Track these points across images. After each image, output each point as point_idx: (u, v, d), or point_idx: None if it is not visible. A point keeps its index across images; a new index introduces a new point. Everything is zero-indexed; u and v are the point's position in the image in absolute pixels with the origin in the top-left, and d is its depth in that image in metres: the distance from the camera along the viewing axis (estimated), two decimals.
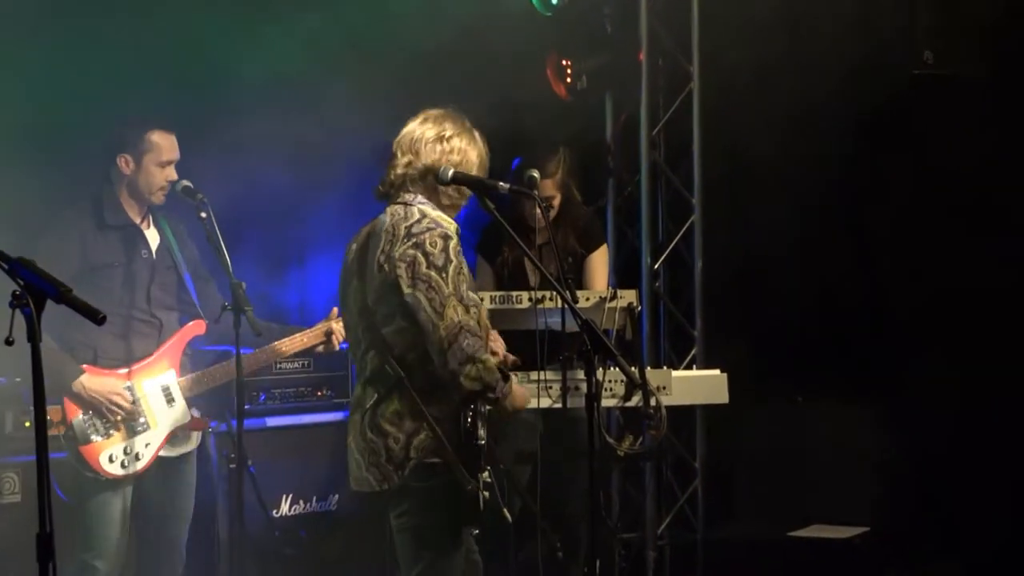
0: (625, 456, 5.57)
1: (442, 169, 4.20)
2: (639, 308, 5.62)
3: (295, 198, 6.49)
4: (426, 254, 4.04)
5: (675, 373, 5.58)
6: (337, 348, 5.26)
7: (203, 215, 4.92)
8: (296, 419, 6.07)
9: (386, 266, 4.09)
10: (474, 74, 6.29)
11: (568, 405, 5.28)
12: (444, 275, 4.03)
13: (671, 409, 5.54)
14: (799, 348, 7.36)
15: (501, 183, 4.23)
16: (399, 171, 4.24)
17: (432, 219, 4.14)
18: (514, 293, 5.47)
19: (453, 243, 4.09)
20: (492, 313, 5.39)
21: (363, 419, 4.17)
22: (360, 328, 4.19)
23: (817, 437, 7.31)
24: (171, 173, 5.06)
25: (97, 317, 3.17)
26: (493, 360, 4.07)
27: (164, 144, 5.04)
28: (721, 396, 5.63)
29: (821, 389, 7.33)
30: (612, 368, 5.36)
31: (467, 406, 4.07)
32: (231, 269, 4.88)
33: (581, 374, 5.19)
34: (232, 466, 5.05)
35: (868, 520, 6.93)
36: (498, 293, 5.50)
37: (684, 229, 7.35)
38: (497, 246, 6.12)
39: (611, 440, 5.23)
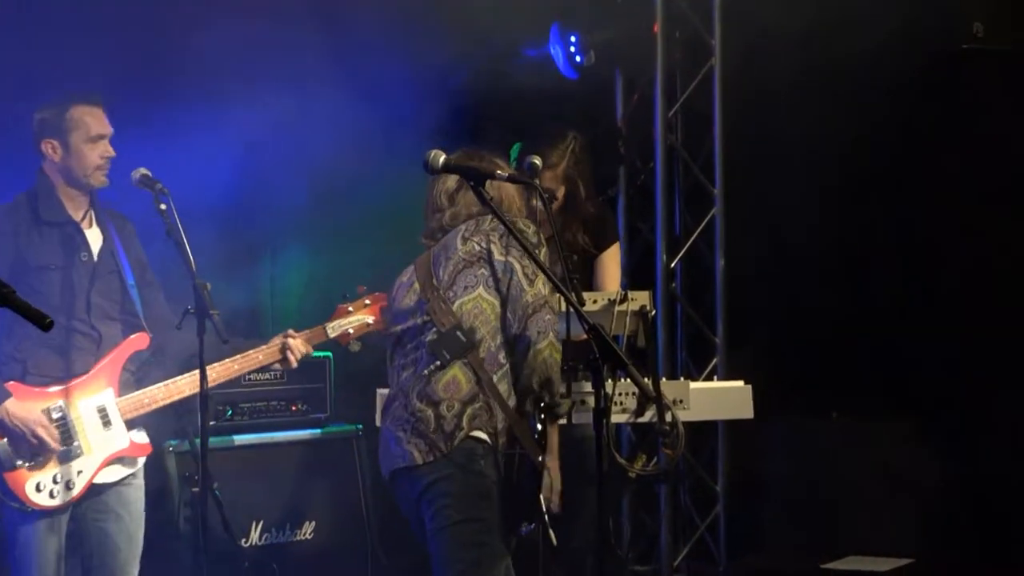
0: (637, 478, 5.59)
1: (431, 156, 4.23)
2: (653, 312, 5.62)
3: (255, 189, 6.51)
4: (519, 231, 4.34)
5: (694, 385, 5.59)
6: (294, 366, 5.26)
7: (162, 207, 4.90)
8: (267, 436, 6.08)
9: (473, 239, 4.43)
10: (469, 49, 6.32)
11: (573, 421, 5.30)
12: (537, 252, 4.33)
13: (689, 425, 5.55)
14: (833, 357, 7.37)
15: (499, 171, 4.26)
16: (446, 220, 4.59)
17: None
18: None
19: (531, 232, 4.42)
20: None
21: (408, 396, 4.37)
22: (419, 317, 4.44)
23: (853, 457, 7.33)
24: (106, 149, 5.03)
25: (44, 322, 3.16)
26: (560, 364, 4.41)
27: (89, 118, 5.01)
28: (745, 411, 5.65)
29: (858, 404, 7.34)
30: (623, 379, 5.39)
31: (524, 398, 4.33)
32: (195, 268, 4.88)
33: (588, 386, 5.20)
34: (195, 490, 5.06)
35: (911, 551, 6.94)
36: None
37: (704, 223, 7.37)
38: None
39: (622, 460, 5.25)
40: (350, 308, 5.34)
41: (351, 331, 5.32)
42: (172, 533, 5.56)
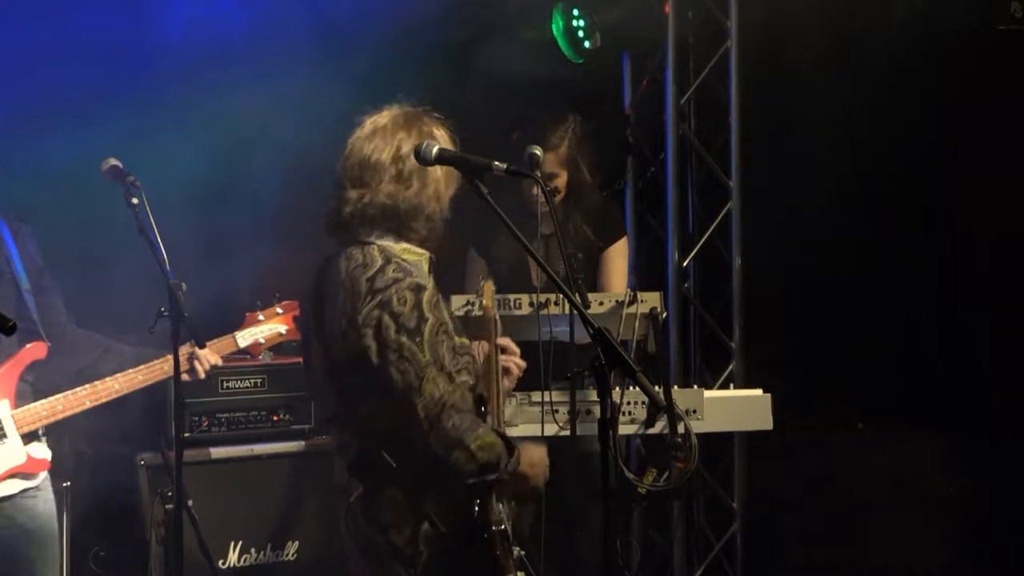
0: (647, 495, 5.59)
1: (424, 146, 4.22)
2: (664, 314, 5.64)
3: (230, 181, 6.52)
4: (394, 315, 4.04)
5: (708, 393, 5.60)
6: (203, 376, 5.24)
7: (134, 201, 4.90)
8: (246, 449, 6.08)
9: (351, 333, 4.08)
10: (460, 36, 6.33)
11: (578, 432, 5.30)
12: (419, 339, 4.03)
13: (704, 437, 5.56)
14: (860, 364, 7.37)
15: (496, 162, 4.24)
16: (349, 208, 4.21)
17: (398, 264, 4.13)
18: (512, 296, 5.49)
19: (427, 295, 4.09)
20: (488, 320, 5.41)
21: (354, 511, 4.18)
22: (332, 395, 4.20)
23: (882, 473, 7.32)
24: None
25: (7, 325, 3.15)
26: (489, 435, 4.06)
27: None
28: (764, 422, 5.65)
29: (887, 415, 7.33)
30: (631, 387, 5.39)
31: (471, 492, 4.11)
32: (168, 267, 4.88)
33: (593, 395, 5.20)
34: (168, 507, 5.05)
35: (942, 569, 6.94)
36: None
37: (719, 218, 7.37)
38: (494, 237, 6.13)
39: (630, 475, 5.24)
40: (261, 316, 5.40)
41: (262, 341, 5.38)
42: (144, 554, 5.55)
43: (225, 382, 6.01)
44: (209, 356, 5.21)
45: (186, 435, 5.73)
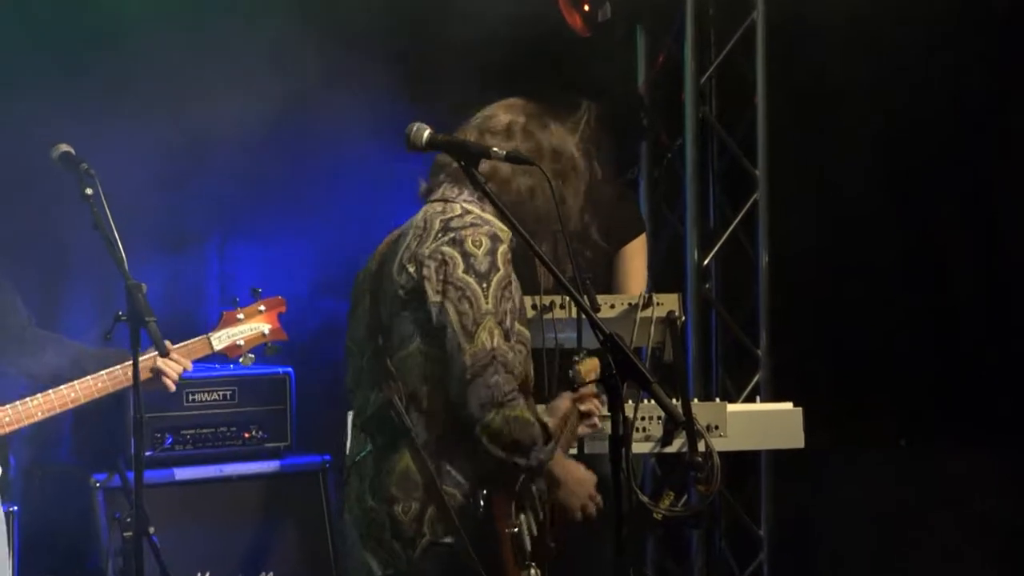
0: (664, 520, 5.58)
1: (414, 130, 4.21)
2: (683, 318, 5.62)
3: (196, 173, 6.53)
4: (465, 254, 4.13)
5: (732, 407, 5.59)
6: (172, 390, 5.24)
7: (88, 192, 4.91)
8: (215, 470, 6.08)
9: (409, 266, 4.18)
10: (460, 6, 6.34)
11: (586, 451, 5.29)
12: (486, 285, 4.12)
13: (727, 456, 5.55)
14: (901, 374, 7.37)
15: (495, 149, 4.24)
16: (448, 170, 4.36)
17: (480, 215, 4.25)
18: None
19: (503, 248, 4.18)
20: None
21: (360, 480, 4.20)
22: (366, 356, 4.24)
23: (926, 494, 7.32)
24: None
25: None
26: (527, 412, 4.10)
27: None
28: (794, 439, 5.64)
29: (931, 430, 7.34)
30: (646, 400, 5.38)
31: (488, 479, 4.11)
32: (127, 266, 4.88)
33: (604, 409, 5.19)
34: (127, 534, 5.04)
35: None
36: None
37: (744, 211, 7.37)
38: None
39: (645, 499, 5.23)
40: (240, 315, 5.35)
41: (241, 343, 5.35)
42: None
43: (191, 394, 6.01)
44: (178, 362, 5.19)
45: (147, 454, 5.71)
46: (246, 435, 6.19)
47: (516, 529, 4.16)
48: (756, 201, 7.36)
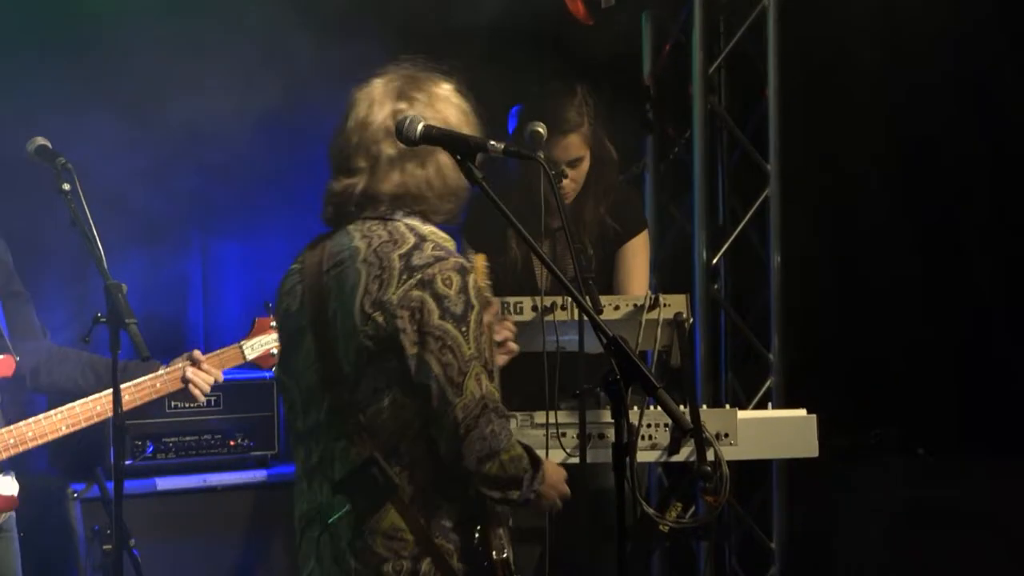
0: (671, 533, 5.59)
1: (408, 121, 4.21)
2: (691, 320, 5.63)
3: (179, 169, 6.54)
4: (438, 297, 4.01)
5: (742, 414, 5.59)
6: (202, 401, 5.27)
7: (65, 187, 4.90)
8: (199, 479, 6.08)
9: (376, 315, 4.02)
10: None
11: (588, 460, 5.29)
12: (465, 328, 4.01)
13: (737, 466, 5.55)
14: (920, 379, 7.37)
15: (492, 142, 4.23)
16: (351, 199, 4.15)
17: (435, 241, 4.12)
18: (511, 300, 5.48)
19: (472, 279, 4.07)
20: None
21: (335, 540, 4.11)
22: (324, 405, 4.13)
23: (948, 508, 7.31)
24: None
25: None
26: (516, 446, 4.05)
27: None
28: (808, 447, 5.64)
29: (954, 439, 7.33)
30: (652, 407, 5.38)
31: (480, 516, 4.10)
32: (106, 265, 4.88)
33: (607, 415, 5.19)
34: (106, 548, 5.05)
35: None
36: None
37: (755, 208, 7.37)
38: (495, 232, 6.12)
39: (650, 510, 5.23)
40: (274, 322, 5.31)
41: (275, 351, 5.33)
42: None
43: (173, 401, 6.00)
44: (209, 372, 5.20)
45: (127, 463, 5.72)
46: (231, 443, 6.20)
47: (505, 554, 4.15)
48: (767, 197, 7.36)
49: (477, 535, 4.11)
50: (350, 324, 4.05)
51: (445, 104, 4.23)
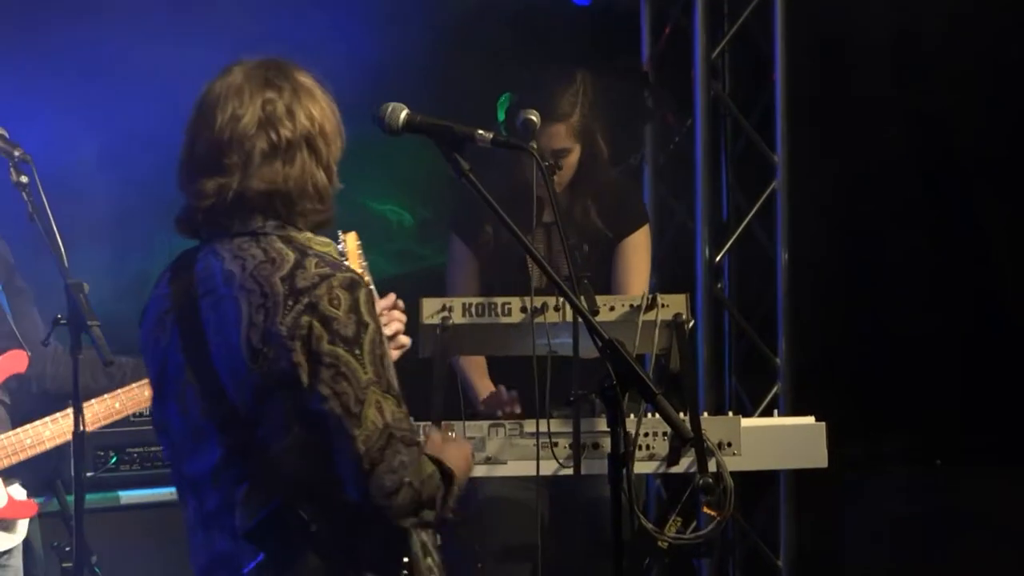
0: (670, 549, 5.60)
1: (389, 110, 4.21)
2: (692, 322, 5.64)
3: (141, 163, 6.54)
4: (326, 320, 3.85)
5: (746, 422, 5.60)
6: None
7: (23, 179, 4.92)
8: (165, 492, 6.08)
9: (268, 351, 3.87)
10: None
11: (583, 471, 5.30)
12: (359, 351, 3.86)
13: (741, 477, 5.56)
14: (936, 385, 7.38)
15: (481, 131, 4.24)
16: (208, 202, 3.98)
17: (317, 254, 3.96)
18: (499, 300, 5.48)
19: (363, 294, 3.91)
20: (468, 330, 5.41)
21: None
22: (219, 448, 3.96)
23: (965, 520, 7.33)
24: None
25: None
26: (427, 464, 3.89)
27: None
28: (817, 457, 5.65)
29: (971, 449, 7.35)
30: (650, 414, 5.39)
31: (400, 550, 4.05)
32: (67, 263, 4.88)
33: (603, 424, 5.20)
34: (66, 565, 5.05)
35: None
36: (475, 301, 5.51)
37: (761, 202, 7.38)
38: (485, 224, 6.13)
39: (649, 525, 5.24)
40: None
41: None
42: None
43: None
44: None
45: (88, 475, 5.71)
46: None
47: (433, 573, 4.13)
48: (775, 190, 7.36)
49: (405, 572, 4.05)
50: (239, 361, 3.89)
51: (308, 95, 4.04)
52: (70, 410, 5.06)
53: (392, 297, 4.71)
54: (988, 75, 7.26)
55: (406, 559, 3.99)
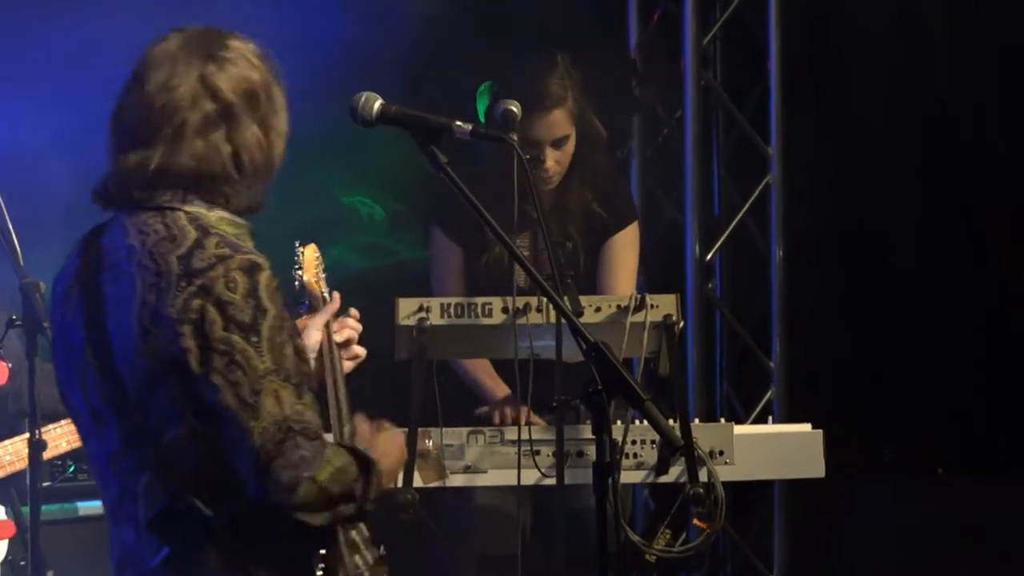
0: (659, 563, 5.61)
1: (362, 100, 4.21)
2: (681, 324, 5.65)
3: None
4: (221, 304, 3.79)
5: (739, 429, 5.61)
6: None
7: None
8: None
9: (157, 332, 3.82)
10: None
11: (566, 481, 5.31)
12: (255, 338, 3.79)
13: (733, 487, 5.57)
14: (939, 390, 7.39)
15: (459, 123, 4.24)
16: (129, 176, 3.92)
17: (220, 234, 3.89)
18: (479, 301, 5.49)
19: (264, 277, 3.84)
20: (446, 331, 5.41)
21: None
22: (117, 433, 3.93)
23: (970, 533, 7.33)
24: None
25: None
26: (339, 457, 3.82)
27: None
28: (813, 467, 5.67)
29: (977, 457, 7.36)
30: (637, 421, 5.39)
31: (315, 543, 4.01)
32: (22, 260, 4.88)
33: (587, 431, 5.20)
34: None
35: None
36: (454, 301, 5.51)
37: (755, 196, 7.39)
38: (476, 224, 6.11)
39: (636, 538, 5.25)
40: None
41: None
42: None
43: None
44: None
45: (45, 484, 5.71)
46: None
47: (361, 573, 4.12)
48: (769, 184, 7.38)
49: (321, 568, 4.01)
50: (130, 341, 3.84)
51: (247, 67, 3.96)
52: (63, 421, 5.09)
53: (337, 302, 4.66)
54: (994, 57, 7.26)
55: (323, 552, 3.95)
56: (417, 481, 5.30)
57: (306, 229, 4.73)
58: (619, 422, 5.34)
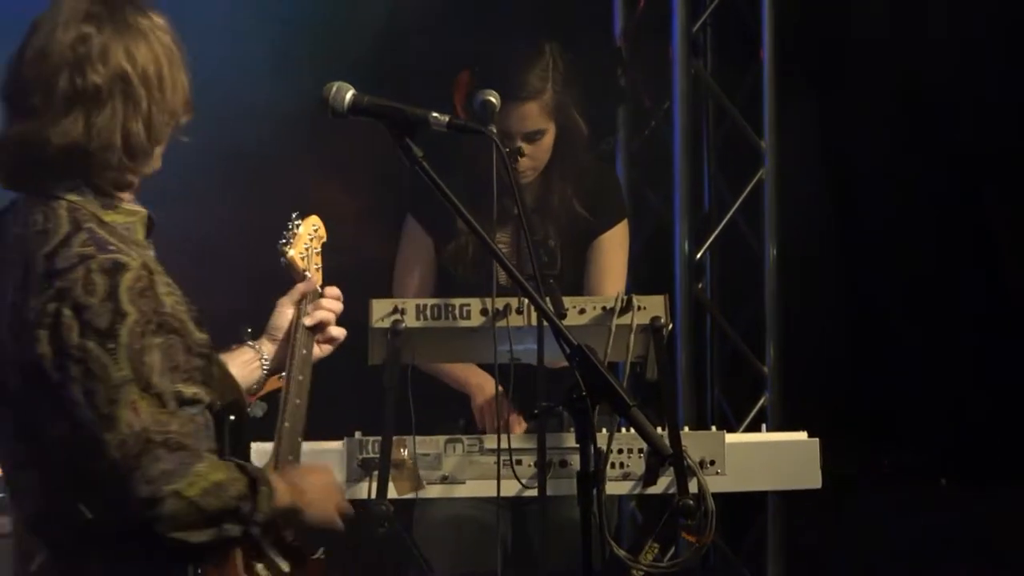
0: None
1: (334, 90, 4.20)
2: (670, 326, 5.64)
3: None
4: (78, 309, 3.73)
5: (731, 438, 5.61)
6: None
7: None
8: None
9: (23, 335, 3.79)
10: None
11: (549, 492, 5.30)
12: (112, 345, 3.73)
13: (725, 499, 5.56)
14: (940, 396, 7.40)
15: (435, 114, 4.24)
16: (8, 152, 3.90)
17: (90, 233, 3.83)
18: (457, 302, 5.48)
19: (128, 277, 3.77)
20: (422, 335, 5.40)
21: None
22: (10, 424, 3.91)
23: (973, 545, 7.35)
24: None
25: None
26: (217, 471, 3.76)
27: None
28: (810, 477, 5.67)
29: (979, 465, 7.37)
30: (624, 429, 5.39)
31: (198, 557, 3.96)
32: None
33: (571, 439, 5.20)
34: None
35: None
36: (430, 302, 5.50)
37: (747, 192, 7.39)
38: (451, 216, 6.10)
39: (622, 553, 5.24)
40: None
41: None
42: None
43: None
44: None
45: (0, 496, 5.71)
46: None
47: None
48: (761, 180, 7.38)
49: None
50: (6, 339, 3.83)
51: (136, 35, 3.87)
52: None
53: (316, 281, 4.63)
54: (995, 50, 7.28)
55: (199, 572, 3.90)
56: (392, 492, 5.29)
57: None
58: (604, 430, 5.33)
